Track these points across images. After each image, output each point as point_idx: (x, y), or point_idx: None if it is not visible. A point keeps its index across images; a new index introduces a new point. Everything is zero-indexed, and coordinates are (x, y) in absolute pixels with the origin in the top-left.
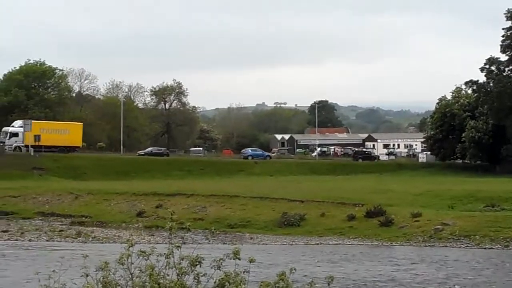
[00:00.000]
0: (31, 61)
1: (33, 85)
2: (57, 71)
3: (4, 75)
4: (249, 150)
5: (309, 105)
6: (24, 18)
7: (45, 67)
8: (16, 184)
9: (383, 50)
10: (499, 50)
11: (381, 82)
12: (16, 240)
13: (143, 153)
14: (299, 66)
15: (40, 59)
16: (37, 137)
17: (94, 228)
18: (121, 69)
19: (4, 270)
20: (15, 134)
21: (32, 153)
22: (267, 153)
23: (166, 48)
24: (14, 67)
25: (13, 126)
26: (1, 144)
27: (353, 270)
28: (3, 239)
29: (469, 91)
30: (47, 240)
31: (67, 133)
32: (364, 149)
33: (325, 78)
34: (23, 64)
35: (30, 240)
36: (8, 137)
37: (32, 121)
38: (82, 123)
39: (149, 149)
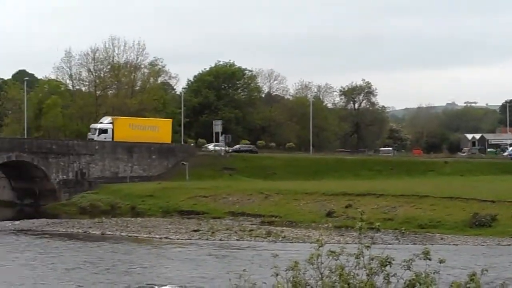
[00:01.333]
0: (221, 62)
1: (222, 86)
2: (246, 72)
3: (195, 76)
4: None
5: (500, 104)
6: (211, 22)
7: (234, 68)
8: (206, 184)
9: None
10: None
11: None
12: (207, 239)
13: (230, 151)
14: (490, 64)
15: (230, 60)
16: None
17: (284, 227)
18: (310, 69)
19: (201, 270)
20: (105, 131)
21: (222, 154)
22: None
23: (355, 48)
24: (204, 69)
25: (101, 123)
26: (90, 140)
27: None
28: (194, 238)
29: None
30: (237, 240)
31: (157, 130)
32: None
33: None
34: (213, 65)
35: (220, 240)
36: (97, 134)
37: (119, 117)
38: (171, 119)
39: (237, 146)
